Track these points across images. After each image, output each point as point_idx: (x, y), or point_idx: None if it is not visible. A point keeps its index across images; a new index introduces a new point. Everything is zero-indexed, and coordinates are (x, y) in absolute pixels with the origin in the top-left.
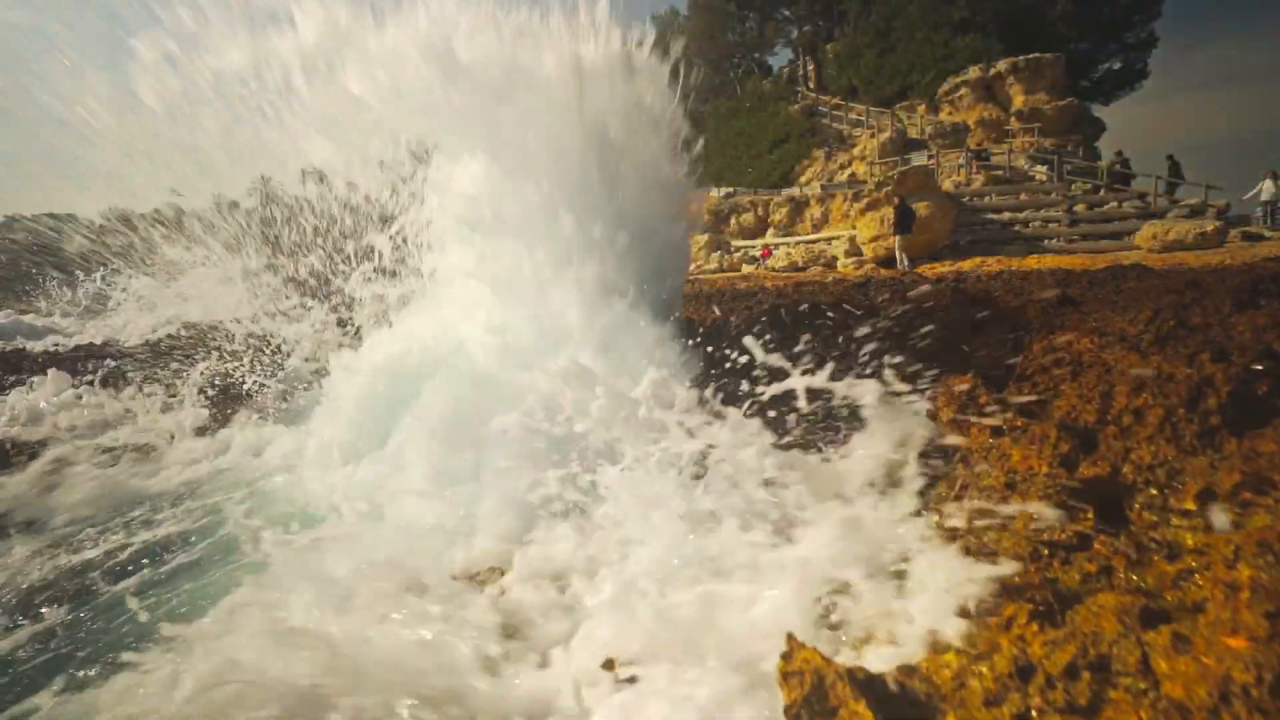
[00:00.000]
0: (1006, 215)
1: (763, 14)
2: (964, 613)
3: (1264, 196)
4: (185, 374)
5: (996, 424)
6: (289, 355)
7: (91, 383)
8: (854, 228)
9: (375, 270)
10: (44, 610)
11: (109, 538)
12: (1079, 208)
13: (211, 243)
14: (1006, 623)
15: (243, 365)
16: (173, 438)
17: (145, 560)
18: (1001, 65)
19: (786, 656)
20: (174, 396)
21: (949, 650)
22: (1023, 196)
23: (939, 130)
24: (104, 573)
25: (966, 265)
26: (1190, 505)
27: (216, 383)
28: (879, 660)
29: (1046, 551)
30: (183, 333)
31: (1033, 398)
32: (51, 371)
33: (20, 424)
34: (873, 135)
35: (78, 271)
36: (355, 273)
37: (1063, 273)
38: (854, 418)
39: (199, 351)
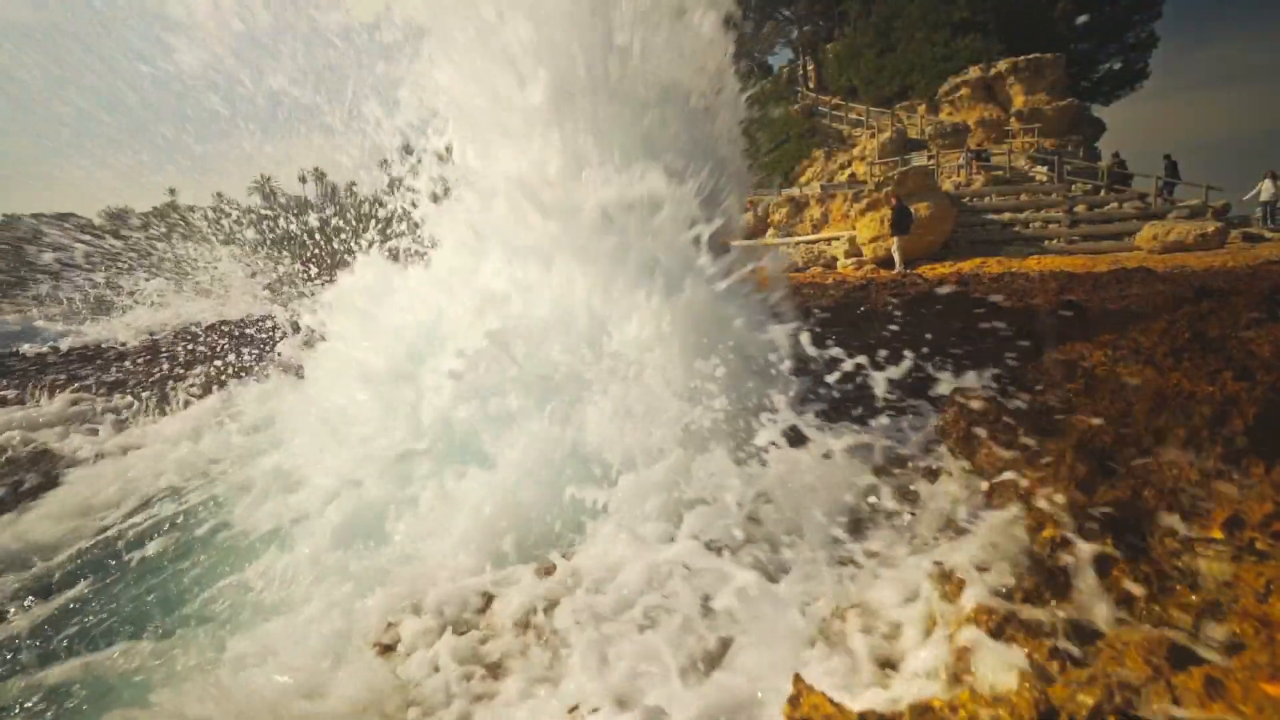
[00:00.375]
0: (1007, 216)
1: (763, 14)
2: (979, 646)
3: (1263, 197)
4: (181, 375)
5: (1008, 441)
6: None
7: (88, 387)
8: (854, 228)
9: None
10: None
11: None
12: (1079, 208)
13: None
14: (1026, 659)
15: (238, 360)
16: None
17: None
18: (1002, 65)
19: (793, 701)
20: (168, 398)
21: (966, 690)
22: (1023, 197)
23: (939, 130)
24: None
25: (967, 266)
26: (1217, 534)
27: (211, 380)
28: (891, 697)
29: (1064, 579)
30: (179, 332)
31: (1044, 413)
32: (59, 398)
33: (18, 434)
34: (873, 135)
35: (77, 274)
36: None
37: (1065, 275)
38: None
39: (193, 347)
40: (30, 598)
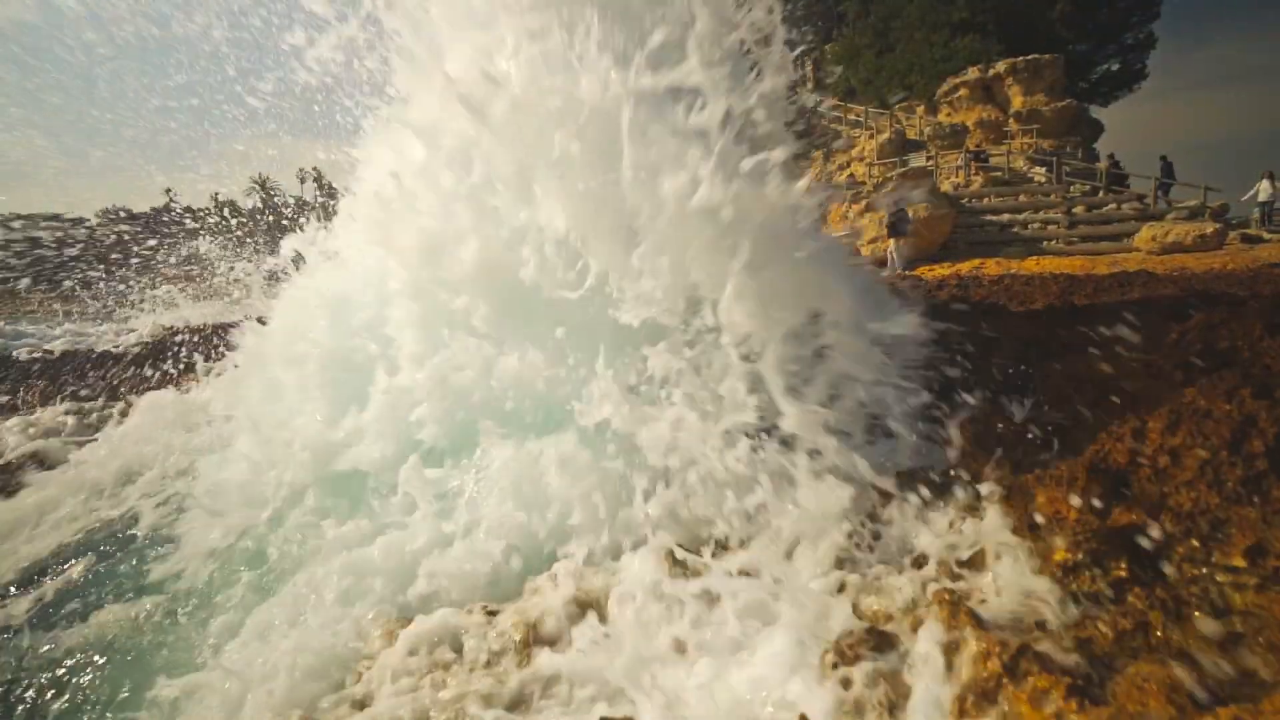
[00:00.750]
0: (1005, 217)
1: None
2: (991, 682)
3: (1261, 197)
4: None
5: (1018, 461)
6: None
7: (76, 392)
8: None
9: None
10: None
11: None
12: (1078, 209)
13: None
14: (1039, 697)
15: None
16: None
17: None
18: (1000, 66)
19: None
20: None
21: None
22: (1021, 198)
23: (938, 131)
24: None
25: (965, 267)
26: (1239, 562)
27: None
28: None
29: (1076, 605)
30: (176, 335)
31: (1055, 430)
32: (50, 406)
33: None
34: (871, 136)
35: (73, 280)
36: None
37: (1066, 278)
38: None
39: (190, 351)
40: (28, 584)
